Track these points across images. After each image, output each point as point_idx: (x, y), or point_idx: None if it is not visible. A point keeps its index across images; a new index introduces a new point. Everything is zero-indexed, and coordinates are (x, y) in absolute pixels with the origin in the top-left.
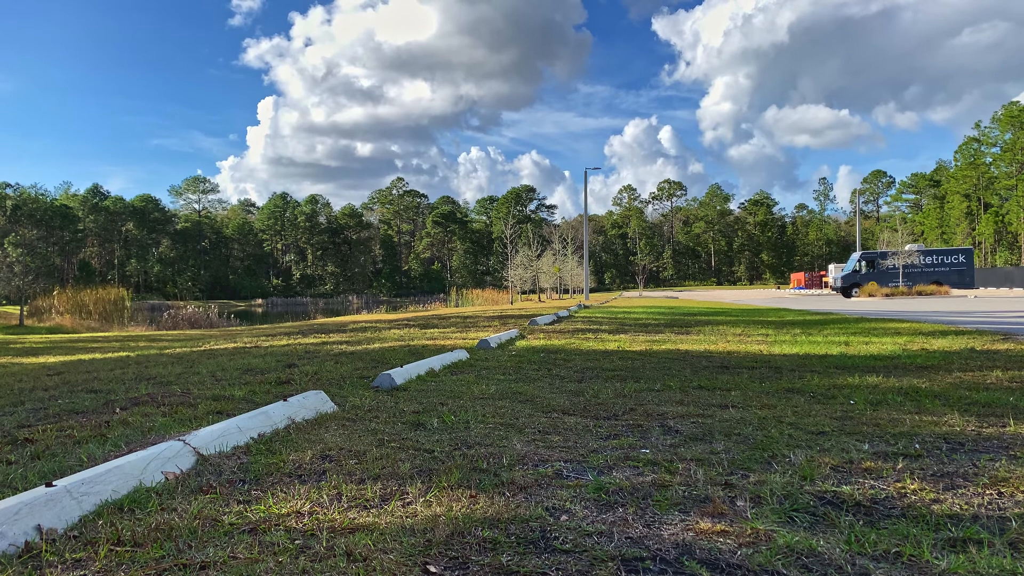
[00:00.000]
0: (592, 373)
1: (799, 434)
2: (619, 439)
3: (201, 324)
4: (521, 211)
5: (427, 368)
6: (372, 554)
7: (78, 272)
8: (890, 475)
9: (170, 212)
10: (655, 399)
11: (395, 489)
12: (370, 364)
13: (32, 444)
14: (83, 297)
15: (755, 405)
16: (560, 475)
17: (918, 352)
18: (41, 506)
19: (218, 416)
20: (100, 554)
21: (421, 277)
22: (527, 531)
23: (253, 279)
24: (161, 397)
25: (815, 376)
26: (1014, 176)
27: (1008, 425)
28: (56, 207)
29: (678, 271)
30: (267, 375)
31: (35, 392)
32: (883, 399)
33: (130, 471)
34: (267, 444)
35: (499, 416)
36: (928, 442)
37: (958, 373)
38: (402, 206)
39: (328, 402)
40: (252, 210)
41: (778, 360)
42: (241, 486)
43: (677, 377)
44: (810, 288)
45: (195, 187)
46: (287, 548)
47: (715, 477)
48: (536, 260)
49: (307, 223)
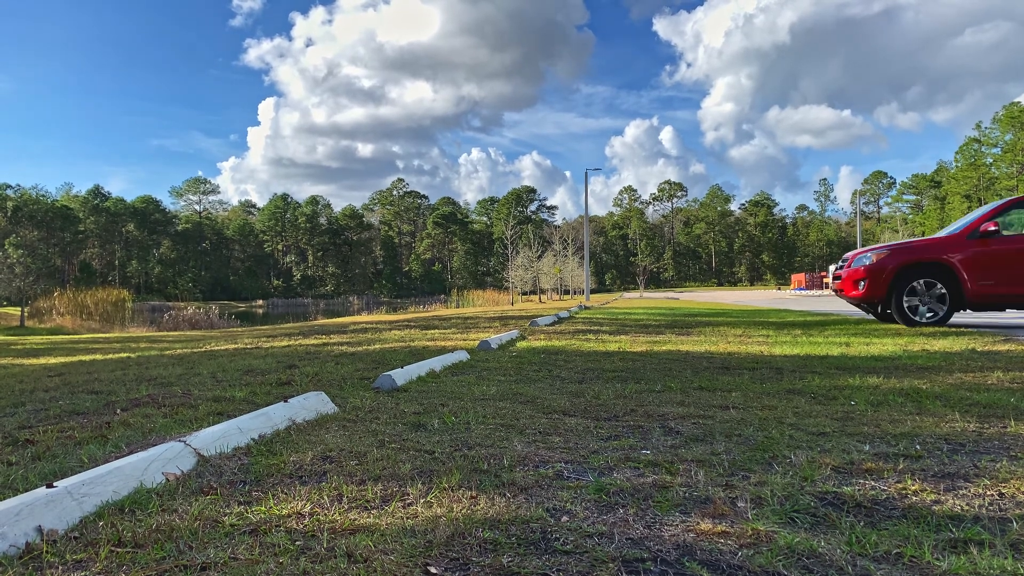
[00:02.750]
0: (593, 374)
1: (800, 435)
2: (620, 440)
3: (202, 325)
4: (522, 212)
5: (428, 369)
6: (373, 555)
7: (79, 273)
8: (891, 476)
9: (171, 213)
10: (656, 400)
11: (396, 490)
12: (371, 365)
13: (33, 445)
14: (84, 298)
15: (756, 406)
16: (561, 476)
17: (919, 353)
18: (42, 507)
19: (219, 417)
20: (101, 555)
21: (422, 278)
22: (528, 532)
23: (254, 280)
24: (162, 398)
25: (816, 377)
26: (1015, 177)
27: (1009, 426)
28: (57, 208)
29: (679, 272)
30: (268, 376)
31: (36, 393)
32: (884, 400)
33: (131, 472)
34: (268, 445)
35: (500, 417)
36: (929, 443)
37: (959, 374)
38: (403, 207)
39: (329, 403)
40: (253, 211)
41: (779, 361)
42: (242, 487)
43: (678, 378)
44: (811, 289)
45: (196, 188)
46: (288, 549)
47: (716, 478)
48: (537, 261)
49: (308, 224)
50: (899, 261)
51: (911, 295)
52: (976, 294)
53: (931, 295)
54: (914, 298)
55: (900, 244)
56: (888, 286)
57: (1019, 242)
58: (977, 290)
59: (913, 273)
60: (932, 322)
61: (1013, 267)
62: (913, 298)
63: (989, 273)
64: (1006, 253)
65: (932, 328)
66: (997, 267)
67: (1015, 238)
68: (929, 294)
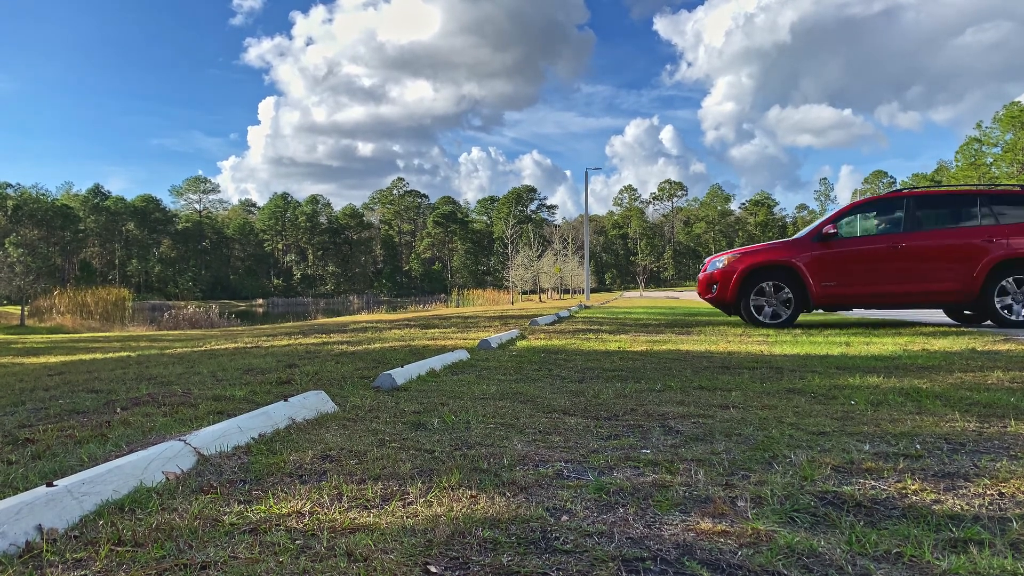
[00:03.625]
0: (593, 373)
1: (800, 434)
2: (620, 439)
3: (202, 324)
4: (522, 211)
5: (428, 368)
6: (373, 554)
7: (79, 272)
8: (891, 475)
9: (171, 212)
10: (656, 399)
11: (396, 489)
12: (371, 364)
13: (33, 444)
14: (84, 297)
15: (756, 405)
16: (561, 475)
17: (919, 352)
18: (42, 506)
19: (219, 416)
20: (101, 554)
21: (422, 277)
22: (528, 531)
23: (254, 279)
24: (162, 397)
25: (816, 376)
26: (1015, 177)
27: (1009, 426)
28: (57, 207)
29: (679, 271)
30: (268, 375)
31: (36, 392)
32: (884, 399)
33: (131, 471)
34: (268, 444)
35: (500, 416)
36: (929, 442)
37: (959, 373)
38: (403, 206)
39: (329, 402)
40: (253, 210)
41: (779, 360)
42: (242, 486)
43: (678, 377)
44: None
45: (196, 187)
46: (288, 548)
47: (716, 477)
48: (537, 260)
49: (308, 223)
50: (747, 264)
51: (758, 296)
52: (819, 295)
53: (778, 297)
54: (761, 299)
55: (750, 248)
56: (737, 289)
57: (856, 244)
58: (820, 291)
59: (761, 276)
60: (778, 323)
61: (851, 269)
62: (760, 299)
63: (831, 275)
64: (845, 255)
65: (932, 326)
66: (837, 269)
67: (853, 240)
68: (777, 296)
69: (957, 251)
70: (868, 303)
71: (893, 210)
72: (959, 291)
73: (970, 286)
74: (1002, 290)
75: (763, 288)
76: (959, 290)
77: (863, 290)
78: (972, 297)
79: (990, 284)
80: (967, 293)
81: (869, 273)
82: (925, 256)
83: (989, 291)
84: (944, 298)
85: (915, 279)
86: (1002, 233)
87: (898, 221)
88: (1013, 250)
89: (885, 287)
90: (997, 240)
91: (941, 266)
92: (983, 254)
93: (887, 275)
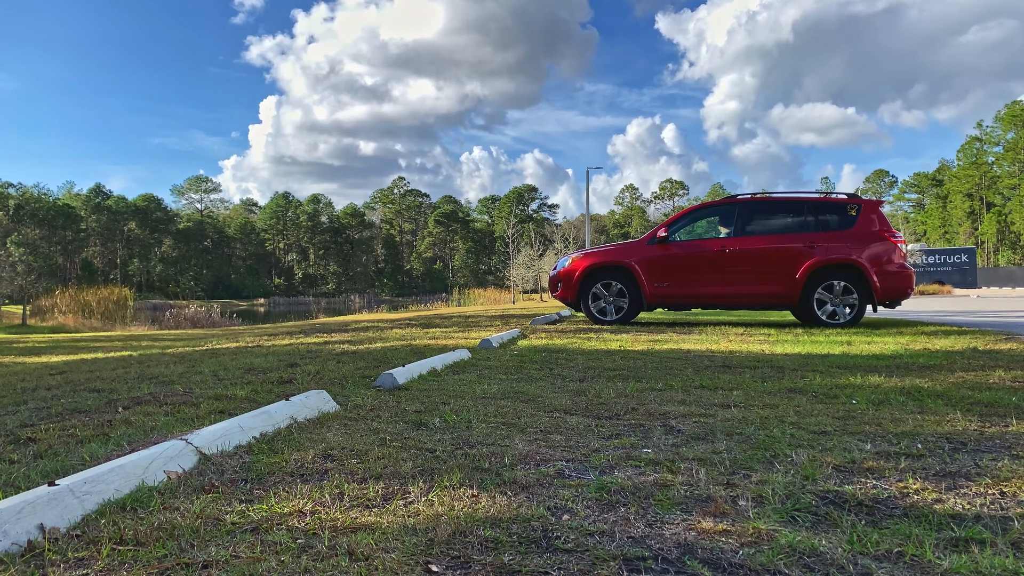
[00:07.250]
0: (594, 372)
1: (801, 434)
2: (621, 439)
3: (203, 324)
4: (523, 210)
5: (429, 367)
6: (374, 553)
7: (80, 271)
8: (892, 475)
9: (172, 212)
10: (657, 398)
11: (397, 488)
12: (372, 363)
13: (35, 443)
14: (85, 296)
15: (757, 405)
16: (562, 475)
17: (920, 352)
18: (44, 505)
19: (220, 415)
20: (102, 553)
21: (423, 276)
22: (529, 530)
23: (255, 279)
24: (163, 396)
25: (817, 376)
26: (1016, 176)
27: (1011, 425)
28: (58, 206)
29: None
30: (269, 374)
31: (38, 391)
32: (885, 399)
33: (132, 470)
34: (269, 443)
35: (501, 415)
36: (930, 442)
37: (960, 373)
38: (404, 205)
39: (330, 401)
40: (254, 209)
41: (780, 360)
42: (243, 485)
43: (679, 376)
44: None
45: (197, 186)
46: (289, 547)
47: (717, 477)
48: (538, 259)
49: (309, 222)
50: (588, 264)
51: (597, 296)
52: (652, 295)
53: (616, 296)
54: (600, 299)
55: (593, 249)
56: (578, 287)
57: (688, 247)
58: (653, 291)
59: (601, 275)
60: (614, 320)
61: (682, 271)
62: (599, 299)
63: (663, 276)
64: (677, 258)
65: (933, 325)
66: (670, 271)
67: (685, 244)
68: (614, 295)
69: (781, 256)
70: (698, 303)
71: (726, 215)
72: (782, 294)
73: (791, 289)
74: (820, 294)
75: (602, 287)
76: (782, 293)
77: (692, 291)
78: (794, 300)
79: (809, 288)
80: (789, 296)
81: (699, 275)
82: (751, 260)
83: (808, 295)
84: (769, 300)
85: (741, 282)
86: (824, 239)
87: (730, 226)
88: (831, 256)
89: (713, 288)
90: (818, 246)
91: (766, 269)
92: (804, 258)
93: (715, 277)
